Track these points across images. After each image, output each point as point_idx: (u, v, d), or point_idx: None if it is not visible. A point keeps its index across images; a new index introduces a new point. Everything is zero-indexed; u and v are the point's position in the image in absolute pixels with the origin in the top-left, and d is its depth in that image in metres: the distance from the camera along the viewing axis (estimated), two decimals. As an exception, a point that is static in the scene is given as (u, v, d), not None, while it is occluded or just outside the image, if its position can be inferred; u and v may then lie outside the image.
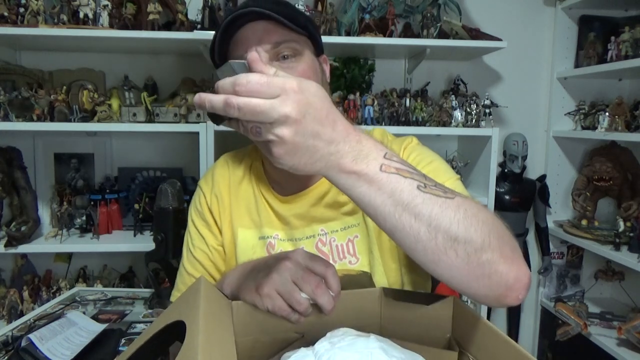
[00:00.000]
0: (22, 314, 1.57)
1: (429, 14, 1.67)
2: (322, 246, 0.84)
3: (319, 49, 0.85)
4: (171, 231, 1.35)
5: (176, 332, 0.51)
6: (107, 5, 1.56)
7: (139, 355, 0.54)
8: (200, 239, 0.90)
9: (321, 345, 0.56)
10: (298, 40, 0.78)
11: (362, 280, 0.78)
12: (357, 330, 0.59)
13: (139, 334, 1.14)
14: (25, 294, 1.66)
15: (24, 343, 0.97)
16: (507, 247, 0.53)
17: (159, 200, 1.37)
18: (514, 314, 2.09)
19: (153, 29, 1.56)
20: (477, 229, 0.50)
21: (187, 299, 0.59)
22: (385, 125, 1.69)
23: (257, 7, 0.73)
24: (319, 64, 0.84)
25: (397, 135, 0.91)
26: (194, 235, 0.92)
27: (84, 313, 1.20)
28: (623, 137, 1.69)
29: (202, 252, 0.90)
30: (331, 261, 0.81)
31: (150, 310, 1.30)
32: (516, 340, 2.35)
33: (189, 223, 0.94)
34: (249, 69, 0.49)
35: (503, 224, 0.55)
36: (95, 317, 1.19)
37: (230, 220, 0.89)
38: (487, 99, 1.76)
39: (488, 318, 1.51)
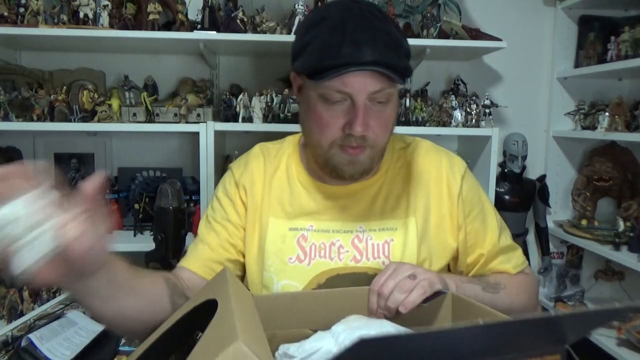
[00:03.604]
0: (22, 314, 1.57)
1: (429, 14, 1.67)
2: (358, 242, 0.85)
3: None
4: (171, 231, 1.35)
5: (206, 314, 0.51)
6: (107, 5, 1.56)
7: (167, 338, 0.54)
8: (223, 213, 0.91)
9: (338, 327, 0.60)
10: (394, 85, 0.79)
11: None
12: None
13: (139, 334, 1.14)
14: (25, 294, 1.65)
15: (24, 343, 0.98)
16: (535, 298, 0.92)
17: (159, 200, 1.37)
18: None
19: (153, 29, 1.56)
20: (519, 302, 0.86)
21: (215, 283, 0.61)
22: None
23: (381, 62, 0.73)
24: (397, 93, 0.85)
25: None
26: (216, 209, 0.92)
27: (84, 313, 1.20)
28: (623, 137, 1.68)
29: (221, 225, 0.90)
30: (364, 259, 0.84)
31: (150, 310, 1.30)
32: (516, 340, 2.29)
33: (213, 200, 0.95)
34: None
35: (531, 282, 0.92)
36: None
37: (261, 208, 0.89)
38: (487, 99, 1.76)
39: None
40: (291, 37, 1.58)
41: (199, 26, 1.60)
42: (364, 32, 0.74)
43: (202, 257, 0.87)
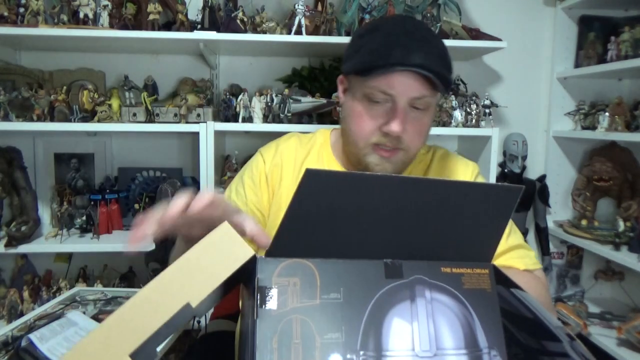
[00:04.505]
0: (22, 314, 1.57)
1: (429, 14, 1.67)
2: None
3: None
4: (171, 231, 1.35)
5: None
6: (107, 5, 1.56)
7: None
8: (242, 196, 0.94)
9: None
10: (434, 95, 0.83)
11: None
12: None
13: (139, 334, 1.14)
14: (25, 294, 1.66)
15: (24, 343, 0.97)
16: (543, 299, 0.84)
17: (159, 200, 1.38)
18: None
19: (153, 29, 1.56)
20: None
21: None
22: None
23: (426, 66, 0.77)
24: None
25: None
26: (236, 191, 0.96)
27: (84, 313, 1.20)
28: (623, 137, 1.68)
29: (244, 205, 0.93)
30: None
31: (150, 310, 1.30)
32: (516, 340, 2.28)
33: (236, 181, 0.98)
34: None
35: (537, 283, 0.88)
36: (95, 317, 1.19)
37: (288, 193, 0.92)
38: (487, 99, 1.76)
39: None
40: (291, 37, 1.58)
41: (199, 26, 1.60)
42: (415, 40, 0.79)
43: None
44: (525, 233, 1.98)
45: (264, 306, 0.47)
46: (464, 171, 0.98)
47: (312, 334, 0.47)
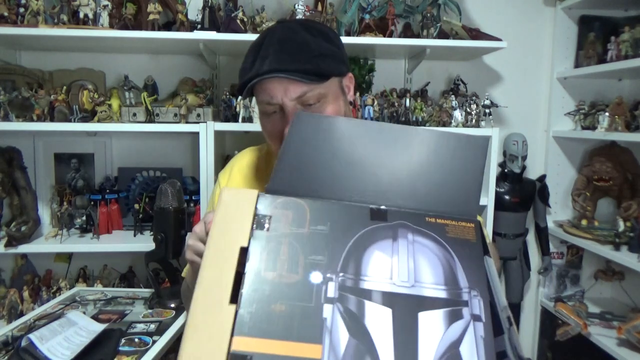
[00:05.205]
0: (22, 314, 1.57)
1: (429, 14, 1.67)
2: None
3: (344, 69, 0.89)
4: (171, 231, 1.35)
5: None
6: (107, 5, 1.56)
7: None
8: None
9: None
10: (320, 86, 0.83)
11: None
12: None
13: (139, 334, 1.14)
14: (25, 294, 1.66)
15: (24, 343, 0.98)
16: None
17: (159, 200, 1.38)
18: (513, 314, 2.08)
19: (153, 29, 1.56)
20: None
21: None
22: (385, 125, 1.69)
23: (280, 69, 0.80)
24: (341, 89, 0.89)
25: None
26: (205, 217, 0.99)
27: (84, 313, 1.20)
28: (623, 137, 1.68)
29: None
30: None
31: (150, 310, 1.30)
32: (516, 340, 2.28)
33: (209, 206, 1.03)
34: None
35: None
36: (95, 317, 1.19)
37: None
38: (487, 99, 1.76)
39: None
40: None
41: (199, 26, 1.60)
42: (271, 47, 0.82)
43: None
44: (525, 233, 1.98)
45: (258, 229, 0.54)
46: None
47: (297, 254, 0.52)
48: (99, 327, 1.08)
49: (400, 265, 0.53)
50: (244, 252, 0.52)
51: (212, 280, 0.50)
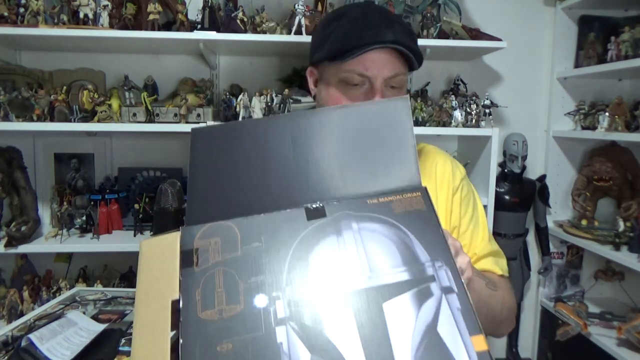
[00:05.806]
0: (22, 314, 1.57)
1: (429, 14, 1.67)
2: None
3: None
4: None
5: None
6: (107, 5, 1.56)
7: None
8: None
9: None
10: (406, 73, 0.85)
11: None
12: None
13: (139, 334, 1.14)
14: (25, 294, 1.66)
15: (24, 343, 0.97)
16: (513, 316, 0.90)
17: (159, 200, 1.38)
18: (514, 314, 2.09)
19: (153, 29, 1.56)
20: (510, 303, 0.88)
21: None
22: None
23: (404, 43, 0.80)
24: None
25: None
26: None
27: (84, 313, 1.20)
28: (623, 137, 1.68)
29: None
30: None
31: (150, 310, 1.30)
32: (516, 340, 2.31)
33: None
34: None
35: (511, 289, 0.91)
36: (95, 317, 1.19)
37: None
38: (487, 99, 1.76)
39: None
40: (291, 37, 1.58)
41: (199, 26, 1.60)
42: (384, 20, 0.81)
43: None
44: (525, 233, 1.98)
45: (186, 267, 0.49)
46: (444, 162, 0.96)
47: (235, 281, 0.47)
48: (99, 327, 1.08)
49: (351, 259, 0.48)
50: (178, 302, 0.47)
51: (146, 351, 0.45)
